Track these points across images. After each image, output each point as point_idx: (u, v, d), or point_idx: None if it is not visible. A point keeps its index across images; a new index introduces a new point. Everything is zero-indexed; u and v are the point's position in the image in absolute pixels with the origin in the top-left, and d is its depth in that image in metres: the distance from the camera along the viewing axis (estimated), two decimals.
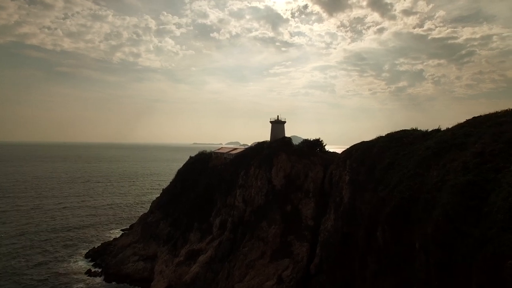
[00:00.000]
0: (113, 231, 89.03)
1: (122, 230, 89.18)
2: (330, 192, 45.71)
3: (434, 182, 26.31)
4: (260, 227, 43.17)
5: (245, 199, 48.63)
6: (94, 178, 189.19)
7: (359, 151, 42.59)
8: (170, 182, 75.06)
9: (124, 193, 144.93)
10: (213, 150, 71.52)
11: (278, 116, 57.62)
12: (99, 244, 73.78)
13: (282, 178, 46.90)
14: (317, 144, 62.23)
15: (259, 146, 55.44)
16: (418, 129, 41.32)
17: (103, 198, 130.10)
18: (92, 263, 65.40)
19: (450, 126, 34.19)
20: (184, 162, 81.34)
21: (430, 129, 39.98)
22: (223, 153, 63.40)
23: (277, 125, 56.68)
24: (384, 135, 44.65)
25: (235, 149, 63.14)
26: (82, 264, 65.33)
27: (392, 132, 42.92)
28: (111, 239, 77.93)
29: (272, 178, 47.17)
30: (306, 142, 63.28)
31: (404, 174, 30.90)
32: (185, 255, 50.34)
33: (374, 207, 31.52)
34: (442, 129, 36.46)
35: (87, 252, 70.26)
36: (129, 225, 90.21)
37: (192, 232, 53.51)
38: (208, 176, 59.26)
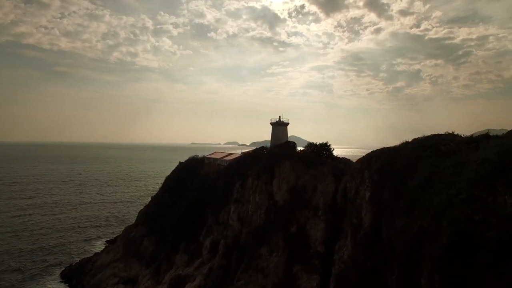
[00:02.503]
0: (97, 242, 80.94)
1: (107, 241, 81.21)
2: (344, 210, 37.74)
3: (511, 213, 18.31)
4: (258, 254, 35.08)
5: (241, 216, 40.56)
6: (87, 181, 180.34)
7: (381, 159, 34.59)
8: (158, 190, 66.92)
9: (116, 198, 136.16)
10: (206, 154, 63.47)
11: (280, 116, 49.50)
12: (78, 260, 65.72)
13: (285, 192, 38.82)
14: (325, 148, 54.24)
15: (258, 151, 47.32)
16: (455, 133, 33.50)
17: (93, 204, 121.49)
18: (66, 284, 57.31)
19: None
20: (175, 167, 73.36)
21: (473, 134, 32.25)
22: (216, 159, 55.33)
23: (279, 127, 48.57)
24: (410, 140, 36.77)
25: (230, 154, 55.15)
26: (56, 285, 57.22)
27: (422, 137, 34.93)
28: (93, 253, 69.86)
29: (273, 192, 39.11)
30: (311, 146, 55.20)
31: (454, 196, 22.78)
32: (169, 282, 42.25)
33: (412, 241, 23.63)
34: (493, 134, 28.74)
35: (63, 270, 62.10)
36: (116, 236, 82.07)
37: (179, 253, 45.39)
38: (199, 187, 51.16)
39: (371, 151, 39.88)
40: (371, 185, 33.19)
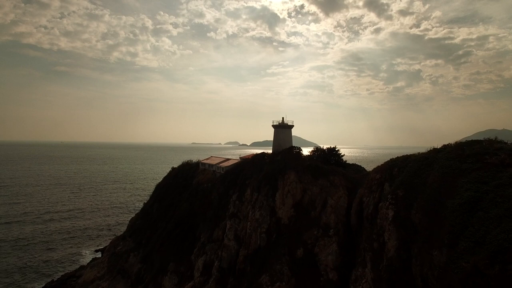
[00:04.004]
0: (87, 252, 75.12)
1: (96, 250, 75.57)
2: (360, 230, 32.00)
3: None
4: (259, 284, 29.25)
5: (238, 235, 34.73)
6: (84, 184, 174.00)
7: (406, 170, 28.80)
8: (149, 198, 61.02)
9: (112, 202, 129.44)
10: (201, 159, 57.64)
11: (283, 118, 43.54)
12: (61, 275, 60.00)
13: (290, 207, 33.00)
14: (333, 154, 48.41)
15: (258, 158, 41.45)
16: (499, 139, 27.66)
17: (88, 210, 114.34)
18: None
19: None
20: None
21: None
22: (212, 165, 49.51)
23: (283, 130, 42.64)
24: (439, 147, 30.95)
25: (227, 160, 49.31)
26: None
27: (456, 144, 29.19)
28: (78, 266, 64.14)
29: (276, 207, 33.26)
30: (318, 151, 49.38)
31: None
32: None
33: (462, 284, 17.88)
34: None
35: (43, 287, 56.39)
36: (105, 246, 76.21)
37: (167, 274, 39.55)
38: (191, 198, 45.35)
39: (391, 160, 34.07)
40: (395, 202, 27.46)
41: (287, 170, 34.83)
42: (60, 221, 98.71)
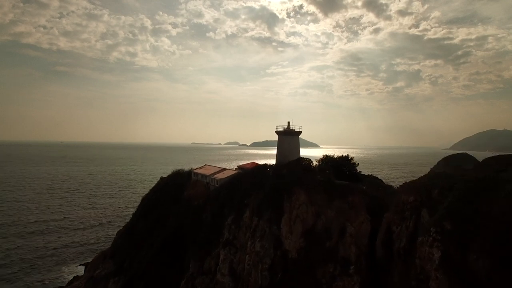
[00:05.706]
0: (70, 268, 68.04)
1: (82, 264, 68.65)
2: (389, 266, 25.22)
3: None
4: None
5: (234, 269, 27.92)
6: (78, 188, 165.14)
7: (453, 195, 21.94)
8: (136, 210, 54.07)
9: (105, 210, 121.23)
10: (193, 168, 50.78)
11: (289, 122, 36.39)
12: None
13: (300, 236, 26.18)
14: (346, 163, 41.58)
15: (260, 171, 34.57)
16: None
17: (78, 219, 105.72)
18: None
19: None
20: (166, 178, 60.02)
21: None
22: (205, 176, 42.65)
23: (288, 137, 35.51)
24: (498, 155, 24.11)
25: (223, 170, 42.44)
26: None
27: None
28: (58, 286, 57.31)
29: (282, 236, 26.45)
30: (327, 160, 42.47)
31: None
32: None
33: None
34: None
35: None
36: (92, 258, 69.02)
37: None
38: (180, 216, 38.55)
39: (426, 177, 27.13)
40: (441, 238, 20.69)
41: (295, 188, 28.03)
42: (46, 234, 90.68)
